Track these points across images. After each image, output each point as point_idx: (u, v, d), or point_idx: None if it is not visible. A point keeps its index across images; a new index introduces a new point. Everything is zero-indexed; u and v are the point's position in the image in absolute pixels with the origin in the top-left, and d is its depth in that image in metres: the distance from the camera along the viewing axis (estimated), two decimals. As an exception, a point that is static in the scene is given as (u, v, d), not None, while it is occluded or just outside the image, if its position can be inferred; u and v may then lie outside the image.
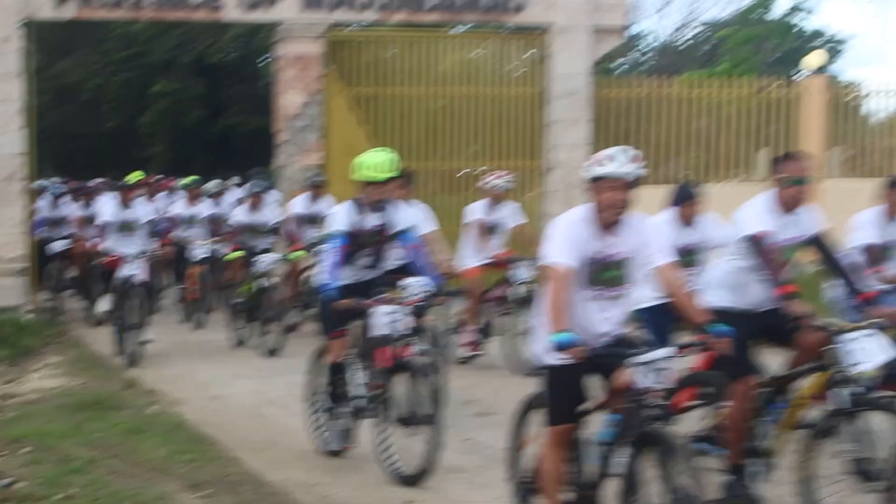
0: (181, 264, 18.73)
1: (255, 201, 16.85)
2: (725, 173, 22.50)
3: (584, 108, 20.69)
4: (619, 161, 6.59)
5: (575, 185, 20.32)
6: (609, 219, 6.65)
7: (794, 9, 38.08)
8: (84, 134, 45.47)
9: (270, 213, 17.09)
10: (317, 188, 16.36)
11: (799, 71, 42.39)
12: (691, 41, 56.26)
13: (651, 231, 6.88)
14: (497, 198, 13.88)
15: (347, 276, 9.39)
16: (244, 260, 16.14)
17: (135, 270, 14.80)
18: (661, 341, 7.94)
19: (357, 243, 9.48)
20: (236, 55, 42.86)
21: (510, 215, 14.01)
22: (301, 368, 10.30)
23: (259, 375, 13.70)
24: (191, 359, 15.10)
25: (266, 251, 16.11)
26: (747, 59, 37.05)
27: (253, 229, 16.66)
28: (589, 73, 20.76)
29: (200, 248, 17.89)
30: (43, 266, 18.94)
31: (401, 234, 9.62)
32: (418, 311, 9.56)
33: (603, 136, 21.18)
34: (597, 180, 6.62)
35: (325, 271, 9.29)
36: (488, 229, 13.80)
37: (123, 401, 11.93)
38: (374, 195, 9.42)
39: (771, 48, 42.15)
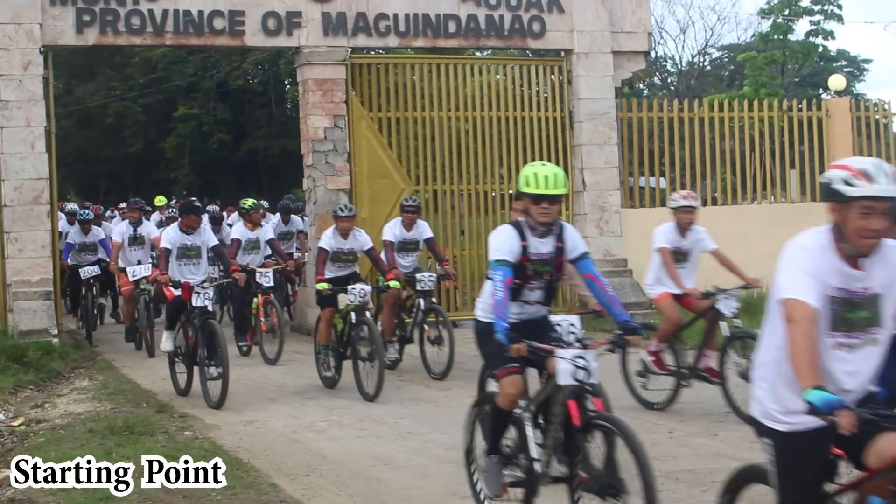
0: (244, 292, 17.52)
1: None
2: (754, 194, 22.42)
3: (610, 131, 20.66)
4: (881, 179, 5.26)
5: (604, 206, 20.30)
6: (861, 248, 5.36)
7: (815, 32, 37.89)
8: (107, 158, 45.67)
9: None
10: (409, 213, 15.68)
11: (823, 92, 42.35)
12: (713, 64, 56.36)
13: None
14: (685, 220, 12.44)
15: (513, 314, 7.79)
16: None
17: (205, 301, 13.58)
18: None
19: (524, 274, 7.91)
20: (259, 79, 42.97)
21: (700, 240, 12.60)
22: (334, 393, 10.16)
23: (294, 401, 13.58)
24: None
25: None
26: (769, 82, 36.91)
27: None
28: (613, 96, 20.75)
29: (266, 276, 17.18)
30: (71, 290, 19.12)
31: (578, 261, 8.06)
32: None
33: (630, 158, 21.18)
34: (845, 201, 5.33)
35: (491, 309, 7.62)
36: (678, 256, 12.47)
37: (155, 426, 11.80)
38: (541, 216, 7.79)
39: (792, 71, 42.06)
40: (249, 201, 18.72)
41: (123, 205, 24.86)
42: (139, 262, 18.56)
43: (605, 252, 20.45)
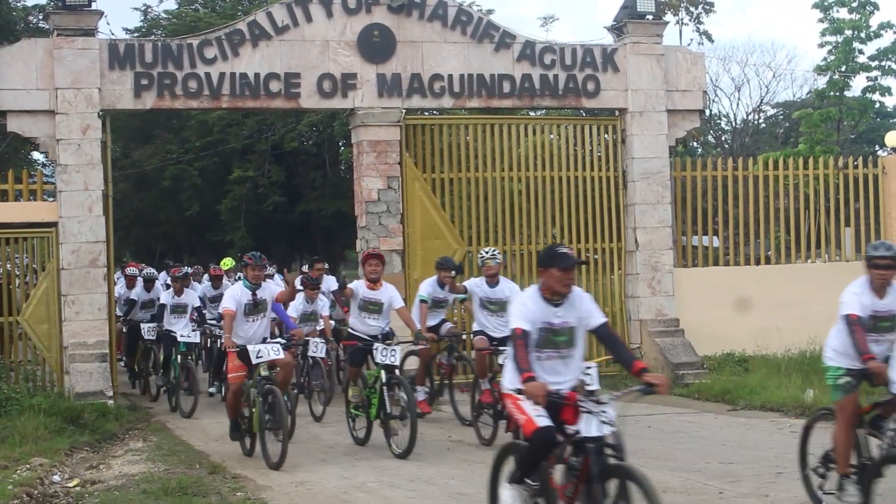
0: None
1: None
2: (808, 252, 22.26)
3: (663, 190, 20.63)
4: None
5: (657, 266, 20.22)
6: None
7: (872, 88, 37.69)
8: (163, 220, 46.07)
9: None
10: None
11: (880, 149, 42.05)
12: (768, 122, 56.16)
13: None
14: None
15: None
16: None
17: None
18: None
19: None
20: (313, 141, 43.26)
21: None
22: (383, 453, 10.05)
23: (345, 461, 13.58)
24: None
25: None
26: (825, 139, 36.72)
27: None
28: (667, 155, 20.72)
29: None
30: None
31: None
32: None
33: (683, 216, 21.11)
34: None
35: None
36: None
37: (208, 487, 11.87)
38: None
39: (848, 127, 41.82)
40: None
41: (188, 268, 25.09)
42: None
43: (657, 312, 20.36)
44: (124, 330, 21.12)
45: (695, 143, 48.66)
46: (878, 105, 40.19)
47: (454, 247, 20.03)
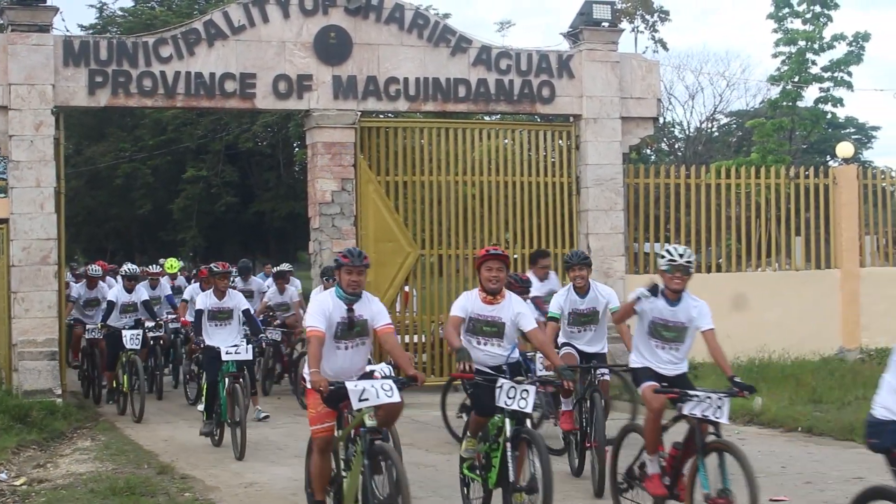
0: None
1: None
2: (759, 261, 22.43)
3: (616, 196, 20.73)
4: None
5: (609, 272, 20.29)
6: None
7: (825, 99, 38.02)
8: (115, 218, 45.82)
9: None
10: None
11: (831, 159, 42.46)
12: (721, 130, 56.54)
13: None
14: None
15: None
16: None
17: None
18: None
19: None
20: (268, 142, 43.18)
21: None
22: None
23: (294, 462, 13.51)
24: (227, 446, 14.81)
25: None
26: (777, 148, 37.03)
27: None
28: (620, 162, 20.82)
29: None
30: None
31: None
32: None
33: (636, 223, 21.22)
34: None
35: None
36: None
37: (156, 487, 11.83)
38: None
39: (801, 138, 42.18)
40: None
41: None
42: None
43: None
44: (98, 338, 19.16)
45: (648, 151, 48.90)
46: (829, 116, 40.58)
47: (407, 250, 20.07)
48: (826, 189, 22.44)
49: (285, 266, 21.44)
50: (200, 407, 15.71)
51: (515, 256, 20.45)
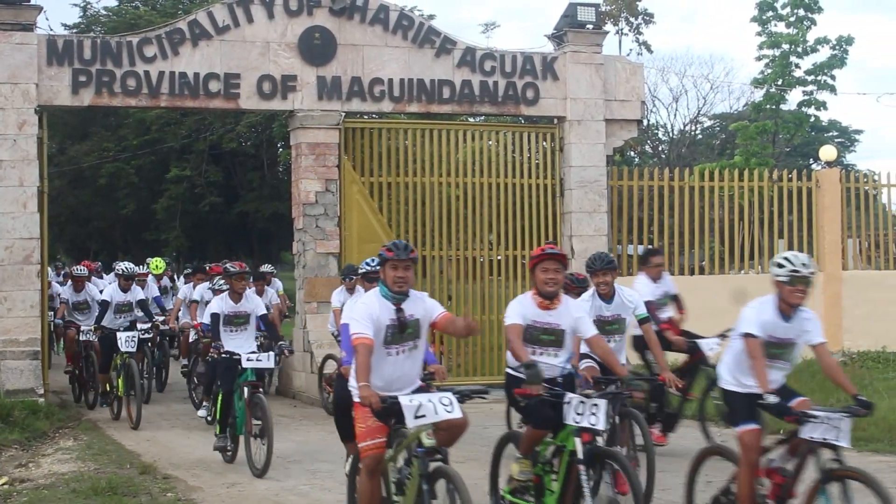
0: None
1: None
2: (741, 263, 22.49)
3: (600, 198, 20.75)
4: None
5: (592, 274, 20.26)
6: None
7: (808, 102, 38.13)
8: (98, 217, 45.72)
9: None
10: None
11: (814, 162, 42.57)
12: (705, 133, 56.67)
13: None
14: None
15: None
16: None
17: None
18: None
19: None
20: (252, 142, 43.15)
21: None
22: (318, 456, 10.11)
23: (277, 464, 13.49)
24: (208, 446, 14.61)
25: None
26: (760, 151, 37.14)
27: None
28: (604, 164, 20.85)
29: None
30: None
31: None
32: None
33: (619, 225, 21.25)
34: None
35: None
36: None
37: (139, 487, 11.81)
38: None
39: (784, 141, 42.30)
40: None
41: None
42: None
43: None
44: (93, 340, 18.59)
45: (632, 153, 48.98)
46: (813, 119, 40.68)
47: (391, 251, 20.03)
48: (809, 192, 22.51)
49: (267, 267, 21.37)
50: (201, 413, 15.34)
51: (499, 257, 20.47)
